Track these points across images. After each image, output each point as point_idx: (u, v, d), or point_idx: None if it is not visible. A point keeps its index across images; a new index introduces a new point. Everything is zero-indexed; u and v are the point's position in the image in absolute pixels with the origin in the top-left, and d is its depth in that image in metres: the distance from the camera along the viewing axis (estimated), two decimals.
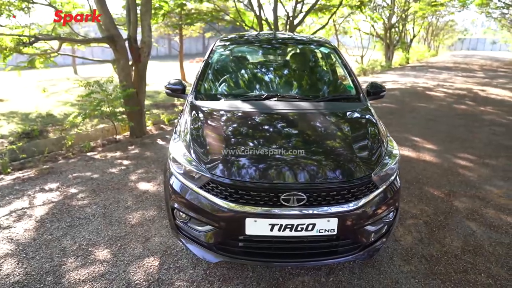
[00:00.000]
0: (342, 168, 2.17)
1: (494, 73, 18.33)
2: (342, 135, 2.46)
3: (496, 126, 6.97)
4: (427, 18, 25.87)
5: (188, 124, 2.58)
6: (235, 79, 3.26)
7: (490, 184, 4.18)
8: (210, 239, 2.21)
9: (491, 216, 3.47)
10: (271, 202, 2.06)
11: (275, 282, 2.45)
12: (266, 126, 2.55)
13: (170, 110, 9.35)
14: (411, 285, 2.49)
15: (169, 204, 2.38)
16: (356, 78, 3.29)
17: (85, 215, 3.29)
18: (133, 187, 3.90)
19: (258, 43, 3.76)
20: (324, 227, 2.08)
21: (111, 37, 6.03)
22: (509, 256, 2.86)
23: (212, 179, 2.11)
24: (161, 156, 4.96)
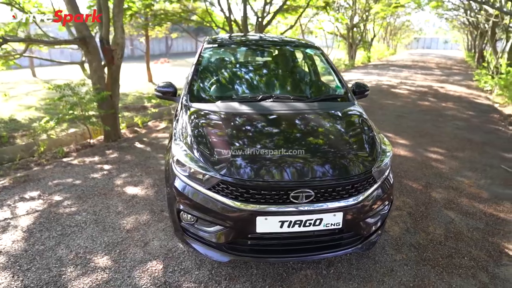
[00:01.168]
0: (345, 164, 2.29)
1: (449, 70, 19.49)
2: (340, 133, 2.59)
3: (458, 121, 7.47)
4: (386, 19, 26.94)
5: (188, 126, 2.59)
6: (229, 81, 3.30)
7: (460, 175, 4.51)
8: (219, 239, 2.25)
9: (465, 205, 3.75)
10: (281, 200, 2.14)
11: (279, 278, 2.54)
12: (267, 127, 2.62)
13: (142, 113, 9.13)
14: (405, 272, 2.66)
15: (174, 206, 2.39)
16: (343, 79, 3.44)
17: (76, 222, 3.20)
18: (120, 192, 3.83)
19: (248, 45, 3.82)
20: (330, 221, 2.19)
21: (83, 38, 5.84)
22: (485, 240, 3.12)
23: (223, 180, 2.15)
24: (143, 159, 4.89)
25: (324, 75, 3.78)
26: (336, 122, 2.75)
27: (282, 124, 2.67)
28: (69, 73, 16.09)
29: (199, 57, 3.36)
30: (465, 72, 18.69)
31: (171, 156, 2.47)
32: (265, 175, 2.15)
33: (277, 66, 3.69)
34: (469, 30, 26.15)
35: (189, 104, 2.89)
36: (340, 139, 2.53)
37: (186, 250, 2.79)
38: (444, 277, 2.62)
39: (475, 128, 6.93)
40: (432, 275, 2.65)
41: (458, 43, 43.72)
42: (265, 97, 2.95)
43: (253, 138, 2.47)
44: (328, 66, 3.55)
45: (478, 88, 12.59)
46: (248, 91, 3.25)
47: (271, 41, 3.94)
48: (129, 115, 8.35)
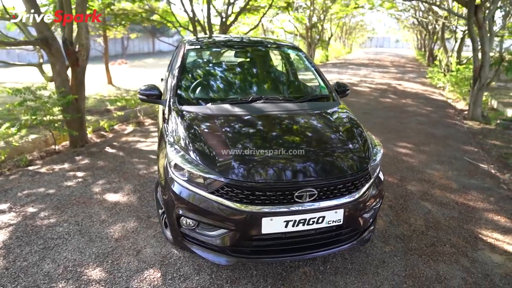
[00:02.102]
0: (344, 162, 2.37)
1: (403, 68, 20.55)
2: (335, 132, 2.67)
3: (419, 117, 7.91)
4: (342, 19, 27.84)
5: (182, 130, 2.55)
6: (216, 83, 3.28)
7: (430, 168, 4.79)
8: (224, 242, 2.24)
9: (439, 195, 3.99)
10: (285, 200, 2.17)
11: (280, 277, 2.57)
12: (264, 128, 2.64)
13: (106, 116, 8.78)
14: (395, 263, 2.79)
15: (173, 211, 2.34)
16: (326, 79, 3.53)
17: (58, 234, 3.03)
18: (101, 200, 3.68)
19: (231, 47, 3.81)
20: (332, 218, 2.26)
21: (45, 39, 5.52)
22: (461, 228, 3.35)
23: (228, 183, 2.14)
24: (118, 165, 4.72)
25: (307, 76, 3.86)
26: (328, 122, 2.83)
27: (277, 125, 2.69)
28: (20, 76, 15.07)
29: (183, 59, 3.30)
30: (418, 70, 19.80)
31: (168, 160, 2.41)
32: (270, 177, 2.17)
33: (262, 67, 3.71)
34: (419, 30, 27.69)
35: (179, 107, 2.83)
36: (335, 138, 2.60)
37: (182, 256, 2.74)
38: (431, 265, 2.78)
39: (436, 123, 7.37)
40: (420, 263, 2.80)
41: (408, 42, 46.19)
42: (255, 98, 2.97)
43: (251, 139, 2.48)
44: (311, 67, 3.63)
45: (431, 85, 13.39)
46: (237, 92, 3.24)
47: (253, 42, 3.96)
48: (93, 119, 7.99)
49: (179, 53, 3.46)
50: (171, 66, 4.04)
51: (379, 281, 2.58)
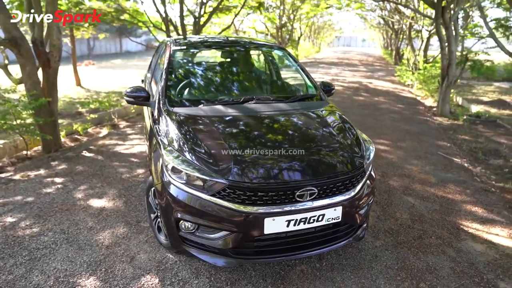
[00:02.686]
0: (342, 160, 2.41)
1: (372, 67, 21.16)
2: (329, 131, 2.71)
3: (393, 114, 8.19)
4: (311, 18, 28.26)
5: (177, 132, 2.50)
6: (205, 84, 3.24)
7: (409, 163, 4.97)
8: (226, 244, 2.22)
9: (419, 190, 4.15)
10: (287, 200, 2.18)
11: (278, 276, 2.58)
12: (259, 128, 2.64)
13: (79, 119, 8.46)
14: (387, 256, 2.88)
15: (171, 215, 2.30)
16: (313, 78, 3.58)
17: (44, 244, 2.90)
18: (85, 206, 3.55)
19: (217, 47, 3.77)
20: (331, 215, 2.30)
21: (14, 39, 5.24)
22: (443, 220, 3.51)
23: (230, 185, 2.13)
24: (98, 169, 4.57)
25: (294, 75, 3.89)
26: (321, 121, 2.87)
27: (272, 125, 2.71)
28: None
29: (170, 60, 3.24)
30: (386, 68, 20.45)
31: (164, 163, 2.36)
32: (272, 177, 2.18)
33: (250, 67, 3.70)
34: (385, 29, 28.59)
35: (170, 109, 2.78)
36: (330, 137, 2.65)
37: (178, 260, 2.70)
38: (421, 257, 2.90)
39: (409, 120, 7.66)
40: (411, 256, 2.91)
41: (375, 41, 47.62)
42: (247, 99, 2.96)
43: (249, 140, 2.47)
44: (298, 67, 3.67)
45: (400, 83, 13.88)
46: (227, 93, 3.22)
47: (239, 42, 3.94)
48: (64, 123, 7.68)
49: (165, 54, 3.39)
50: (154, 67, 3.95)
51: (374, 274, 2.66)
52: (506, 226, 3.44)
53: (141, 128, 6.80)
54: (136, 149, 5.43)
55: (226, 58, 3.76)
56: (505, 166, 5.16)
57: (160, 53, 3.89)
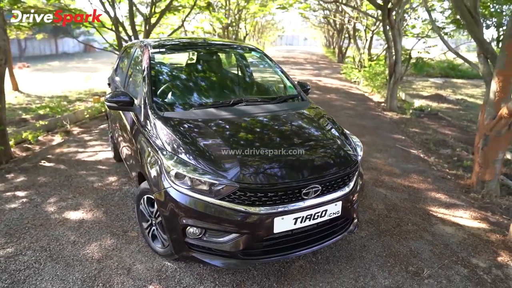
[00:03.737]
0: (340, 157, 2.54)
1: (317, 65, 21.96)
2: (321, 130, 2.83)
3: (347, 110, 8.62)
4: (256, 18, 28.58)
5: (175, 138, 2.45)
6: (191, 87, 3.19)
7: (372, 157, 5.30)
8: (235, 246, 2.24)
9: (388, 181, 4.46)
10: (294, 198, 2.26)
11: (280, 273, 2.65)
12: (257, 130, 2.68)
13: (25, 126, 7.81)
14: (374, 245, 3.08)
15: (177, 222, 2.26)
16: (291, 79, 3.69)
17: (25, 264, 2.68)
18: (61, 220, 3.33)
19: (195, 49, 3.71)
20: (332, 210, 2.42)
21: None
22: (414, 207, 3.81)
23: (241, 188, 2.14)
24: (64, 179, 4.28)
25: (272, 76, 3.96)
26: (311, 120, 2.98)
27: (268, 126, 2.76)
28: None
29: (150, 63, 3.14)
30: (331, 66, 21.34)
31: (165, 170, 2.31)
32: (281, 177, 2.24)
33: (230, 69, 3.70)
34: (327, 29, 29.80)
35: (160, 114, 2.71)
36: (324, 135, 2.77)
37: (177, 267, 2.65)
38: (403, 243, 3.13)
39: (363, 116, 8.11)
40: (394, 243, 3.13)
41: (316, 40, 49.43)
42: (236, 101, 2.98)
43: (250, 142, 2.49)
44: (276, 68, 3.75)
45: (347, 80, 14.60)
46: (214, 96, 3.20)
47: (216, 44, 3.92)
48: (9, 131, 7.04)
49: (143, 57, 3.27)
50: (126, 70, 3.79)
51: (366, 263, 2.83)
52: (467, 209, 3.83)
53: (99, 134, 6.47)
54: (100, 156, 5.16)
55: (205, 60, 3.72)
56: (453, 155, 5.70)
57: (132, 56, 3.74)
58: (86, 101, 9.94)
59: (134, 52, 3.74)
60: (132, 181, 4.13)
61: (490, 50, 4.48)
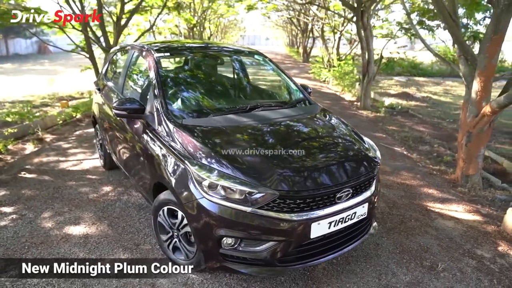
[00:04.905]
0: (366, 160, 2.60)
1: (284, 65, 22.15)
2: (341, 133, 2.88)
3: None
4: (220, 18, 28.41)
5: (202, 146, 2.38)
6: (204, 92, 3.10)
7: None
8: (273, 255, 2.22)
9: (382, 179, 4.59)
10: (329, 203, 2.28)
11: (306, 277, 2.67)
12: (281, 135, 2.67)
13: None
14: (386, 243, 3.18)
15: (211, 233, 2.21)
16: (296, 82, 3.71)
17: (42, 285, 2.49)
18: (63, 236, 3.13)
19: (201, 54, 3.61)
20: (360, 212, 2.47)
21: None
22: (412, 203, 3.98)
23: (281, 195, 2.13)
24: (53, 191, 4.02)
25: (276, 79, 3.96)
26: (329, 124, 3.01)
27: (292, 132, 2.76)
28: None
29: (157, 68, 3.02)
30: (297, 66, 21.69)
31: (196, 180, 2.23)
32: (318, 182, 2.25)
33: (238, 73, 3.65)
34: (290, 29, 30.22)
35: (179, 121, 2.62)
36: (345, 139, 2.81)
37: (203, 279, 2.59)
38: (412, 239, 3.26)
39: (340, 115, 8.22)
40: (403, 239, 3.25)
41: (278, 40, 50.01)
42: (253, 107, 2.94)
43: (279, 148, 2.47)
44: (280, 72, 3.76)
45: (316, 79, 14.90)
46: (228, 101, 3.14)
47: (220, 48, 3.85)
48: None
49: (148, 62, 3.14)
50: (124, 75, 3.61)
51: (384, 261, 2.92)
52: (459, 202, 4.06)
53: (77, 141, 6.15)
54: (86, 165, 4.90)
55: (211, 65, 3.64)
56: (432, 151, 6.01)
57: (130, 60, 3.58)
58: (53, 106, 9.39)
59: (132, 56, 3.59)
60: (131, 190, 3.97)
61: (470, 52, 4.76)
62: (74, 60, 23.24)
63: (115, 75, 4.08)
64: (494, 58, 4.31)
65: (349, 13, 12.62)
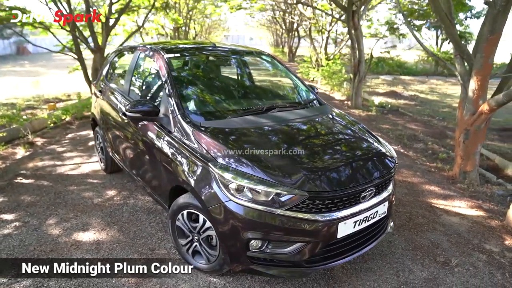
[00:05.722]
0: (386, 158, 2.63)
1: None
2: (358, 133, 2.90)
3: None
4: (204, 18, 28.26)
5: (225, 148, 2.35)
6: (219, 94, 3.07)
7: None
8: (301, 256, 2.22)
9: None
10: (354, 202, 2.29)
11: (327, 277, 2.68)
12: (303, 136, 2.68)
13: None
14: (398, 240, 3.23)
15: (238, 236, 2.19)
16: (305, 83, 3.72)
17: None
18: (73, 243, 3.04)
19: (210, 55, 3.57)
20: (381, 211, 2.50)
21: None
22: (417, 200, 4.05)
23: (311, 196, 2.13)
24: (55, 197, 3.92)
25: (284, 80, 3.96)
26: (344, 124, 3.03)
27: (312, 132, 2.77)
28: None
29: (169, 69, 2.97)
30: None
31: (222, 183, 2.21)
32: (345, 182, 2.27)
33: (249, 74, 3.62)
34: (275, 29, 30.30)
35: (197, 123, 2.58)
36: (363, 138, 2.84)
37: (225, 282, 2.56)
38: (422, 236, 3.32)
39: None
40: (414, 236, 3.31)
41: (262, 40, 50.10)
42: (269, 108, 2.93)
43: (303, 149, 2.47)
44: (289, 72, 3.76)
45: (305, 79, 14.98)
46: (242, 103, 3.12)
47: (229, 49, 3.81)
48: None
49: (159, 63, 3.08)
50: (129, 77, 3.54)
51: (399, 258, 2.96)
52: (461, 198, 4.16)
53: (71, 144, 6.00)
54: (85, 169, 4.79)
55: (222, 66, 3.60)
56: (427, 149, 6.14)
57: (136, 61, 3.51)
58: (39, 108, 9.13)
59: (137, 57, 3.52)
60: (136, 194, 3.89)
61: (466, 52, 4.88)
62: (56, 61, 22.68)
63: (118, 76, 3.99)
64: (490, 58, 4.43)
65: (337, 12, 12.76)
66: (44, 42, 13.30)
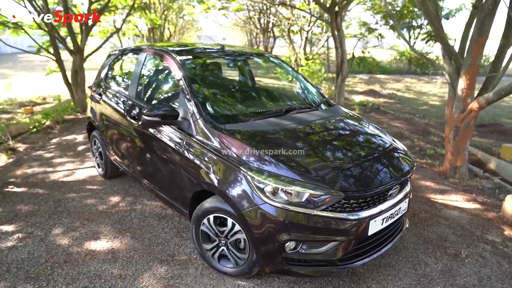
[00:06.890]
0: (406, 157, 2.72)
1: None
2: (376, 133, 2.97)
3: None
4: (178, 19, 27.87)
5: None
6: (237, 96, 3.06)
7: None
8: (335, 254, 2.26)
9: None
10: (382, 200, 2.37)
11: (351, 274, 2.74)
12: (329, 137, 2.72)
13: None
14: (408, 235, 3.35)
15: (277, 239, 2.20)
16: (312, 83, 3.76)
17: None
18: (87, 253, 2.94)
19: (221, 57, 3.53)
20: (403, 208, 2.60)
21: None
22: (417, 196, 4.21)
23: (346, 196, 2.17)
24: (55, 206, 3.77)
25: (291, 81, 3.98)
26: (360, 125, 3.10)
27: (334, 132, 2.82)
28: None
29: (185, 72, 2.93)
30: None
31: (256, 186, 2.21)
32: (376, 181, 2.32)
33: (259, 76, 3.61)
34: (249, 28, 30.29)
35: (221, 127, 2.56)
36: (381, 138, 2.91)
37: (254, 285, 2.57)
38: (429, 230, 3.46)
39: None
40: (422, 230, 3.44)
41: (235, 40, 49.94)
42: (288, 109, 2.96)
43: (330, 149, 2.52)
44: (297, 74, 3.79)
45: None
46: (261, 105, 3.12)
47: (239, 52, 3.79)
48: None
49: (172, 66, 3.02)
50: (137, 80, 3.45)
51: (413, 252, 3.08)
52: (456, 192, 4.36)
53: (59, 149, 5.76)
54: (80, 174, 4.62)
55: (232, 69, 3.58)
56: (415, 146, 6.38)
57: (144, 63, 3.43)
58: (14, 113, 8.71)
59: (144, 59, 3.44)
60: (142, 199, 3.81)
61: (454, 52, 5.11)
62: (23, 63, 21.61)
63: (122, 79, 3.88)
64: (478, 58, 4.66)
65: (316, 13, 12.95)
66: (9, 42, 12.64)
